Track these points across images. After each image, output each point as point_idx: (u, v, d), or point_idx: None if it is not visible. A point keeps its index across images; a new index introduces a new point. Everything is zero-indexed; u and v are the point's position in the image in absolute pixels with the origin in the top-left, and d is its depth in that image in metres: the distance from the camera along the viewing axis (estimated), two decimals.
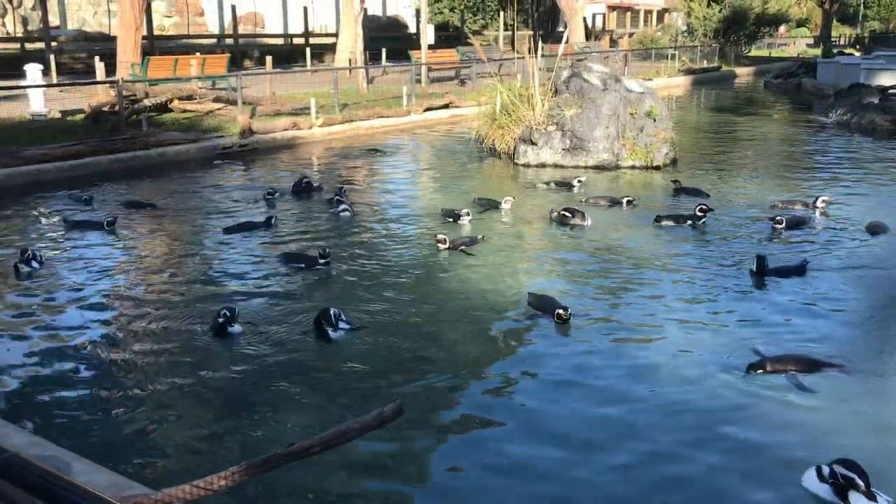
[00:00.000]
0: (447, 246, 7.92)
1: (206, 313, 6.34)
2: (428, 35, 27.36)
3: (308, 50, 29.25)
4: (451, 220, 9.27)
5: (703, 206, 9.18)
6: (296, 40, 36.99)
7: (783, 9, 45.30)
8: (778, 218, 8.64)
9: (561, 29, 44.22)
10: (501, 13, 43.99)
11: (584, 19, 42.82)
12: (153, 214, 9.96)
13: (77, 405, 4.95)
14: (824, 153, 15.37)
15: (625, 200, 10.22)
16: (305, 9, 36.53)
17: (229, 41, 33.87)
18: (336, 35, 32.84)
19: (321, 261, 7.45)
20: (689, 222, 9.06)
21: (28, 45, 28.85)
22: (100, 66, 19.14)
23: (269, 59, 24.20)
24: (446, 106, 20.16)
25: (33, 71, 16.93)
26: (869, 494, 3.78)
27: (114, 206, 10.18)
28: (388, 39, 35.62)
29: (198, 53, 22.81)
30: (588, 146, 13.08)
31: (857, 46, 51.41)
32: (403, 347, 5.81)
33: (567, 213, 9.17)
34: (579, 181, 11.54)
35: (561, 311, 6.05)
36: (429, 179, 13.07)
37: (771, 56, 47.08)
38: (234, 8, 34.01)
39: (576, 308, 6.36)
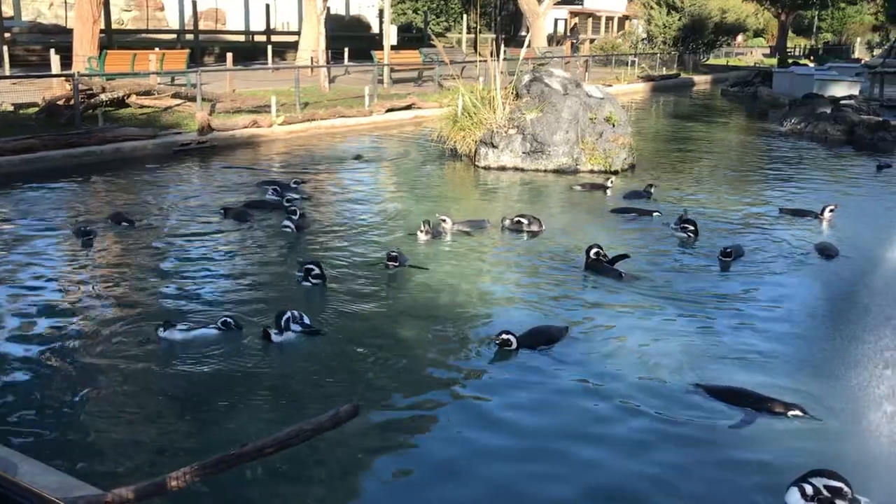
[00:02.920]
0: (397, 264, 7.56)
1: (161, 315, 6.27)
2: (391, 36, 27.30)
3: (270, 47, 29.05)
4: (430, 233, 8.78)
5: (687, 224, 8.99)
6: (257, 37, 36.68)
7: (741, 18, 46.17)
8: (728, 250, 8.10)
9: (523, 33, 44.51)
10: (465, 16, 44.10)
11: (576, 29, 43.02)
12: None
13: (24, 405, 4.85)
14: (778, 160, 15.69)
15: (655, 215, 9.97)
16: (268, 6, 36.22)
17: (189, 37, 33.43)
18: (298, 33, 32.66)
19: (311, 279, 7.03)
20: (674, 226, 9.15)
21: None
22: (55, 59, 18.77)
23: (229, 55, 23.97)
24: (409, 107, 20.17)
25: None
26: (854, 501, 3.80)
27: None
28: (350, 39, 35.50)
29: (157, 48, 22.49)
30: (548, 150, 13.19)
31: (812, 57, 52.56)
32: (360, 352, 5.78)
33: (522, 220, 9.15)
34: (611, 182, 11.74)
35: (502, 336, 5.76)
36: (388, 182, 12.97)
37: (728, 65, 47.94)
38: (194, 3, 33.57)
39: (537, 317, 6.38)
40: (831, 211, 9.88)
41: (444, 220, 9.05)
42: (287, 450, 3.24)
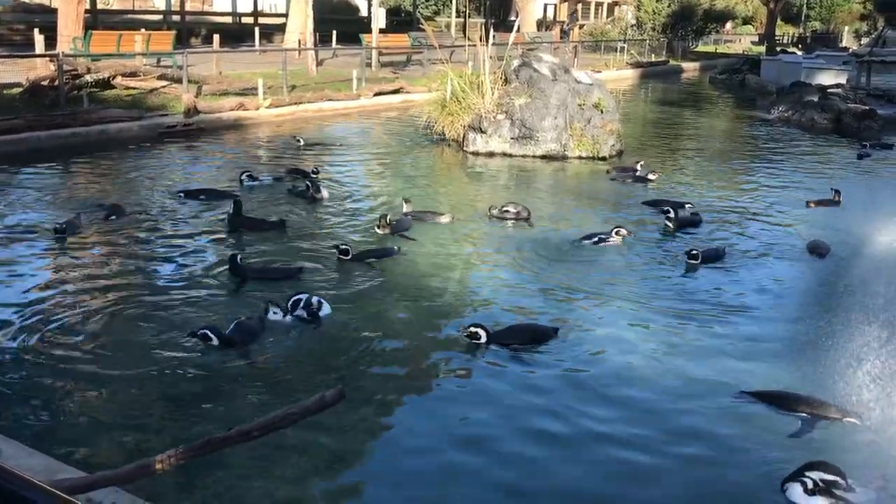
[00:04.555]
0: (349, 258, 7.30)
1: (146, 302, 6.23)
2: (379, 19, 27.11)
3: (257, 30, 28.79)
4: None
5: (670, 217, 8.89)
6: (244, 19, 36.37)
7: (730, 6, 46.26)
8: (693, 252, 7.68)
9: (513, 18, 44.34)
10: (454, 0, 43.88)
11: (574, 15, 42.85)
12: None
13: (7, 387, 4.82)
14: (765, 149, 15.76)
15: (687, 206, 9.66)
16: None
17: (176, 18, 33.11)
18: (286, 15, 32.36)
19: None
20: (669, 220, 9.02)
21: None
22: (39, 39, 18.50)
23: (216, 37, 23.74)
24: (397, 91, 20.07)
25: None
26: (849, 489, 3.90)
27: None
28: (338, 22, 35.17)
29: (143, 29, 22.25)
30: (536, 136, 13.18)
31: (800, 45, 52.67)
32: (345, 339, 5.78)
33: (508, 209, 9.11)
34: (640, 166, 11.93)
35: (470, 329, 5.62)
36: (374, 167, 12.81)
37: (717, 52, 47.93)
38: None
39: (528, 306, 6.37)
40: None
41: (405, 204, 8.97)
42: (273, 433, 3.23)
